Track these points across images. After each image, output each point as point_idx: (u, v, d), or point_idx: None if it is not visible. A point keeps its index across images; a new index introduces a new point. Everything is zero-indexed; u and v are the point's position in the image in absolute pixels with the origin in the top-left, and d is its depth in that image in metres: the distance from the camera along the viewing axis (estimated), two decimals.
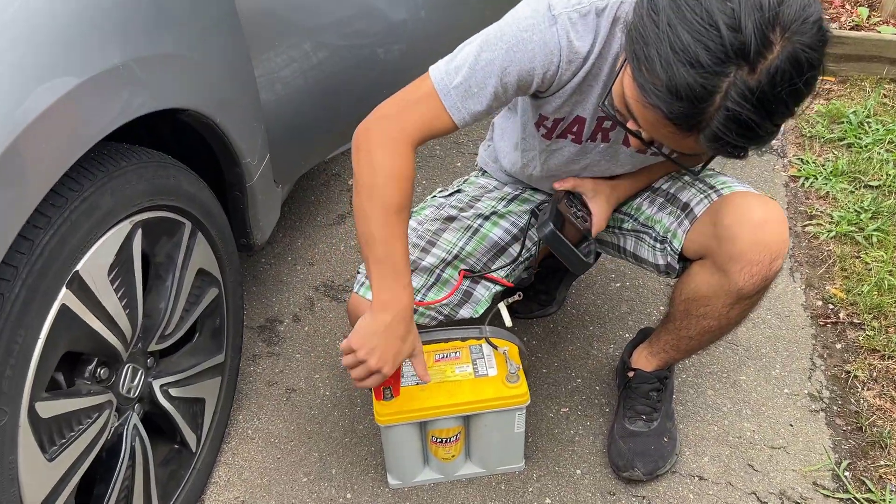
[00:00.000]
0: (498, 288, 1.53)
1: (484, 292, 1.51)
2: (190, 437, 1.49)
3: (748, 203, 1.28)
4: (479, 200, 1.55)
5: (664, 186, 1.46)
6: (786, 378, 1.75)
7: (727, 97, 0.93)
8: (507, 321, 1.49)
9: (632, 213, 1.49)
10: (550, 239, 1.36)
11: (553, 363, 1.79)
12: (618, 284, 1.98)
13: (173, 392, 1.42)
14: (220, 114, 1.39)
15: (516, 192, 1.57)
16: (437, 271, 1.48)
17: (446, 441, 1.48)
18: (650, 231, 1.45)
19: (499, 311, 1.51)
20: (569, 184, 1.41)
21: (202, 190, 1.42)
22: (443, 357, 1.47)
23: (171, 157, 1.35)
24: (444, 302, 1.47)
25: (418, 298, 1.48)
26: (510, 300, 1.52)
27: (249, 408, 1.71)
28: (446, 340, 1.44)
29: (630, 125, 1.09)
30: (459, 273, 1.47)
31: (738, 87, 0.92)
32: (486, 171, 1.63)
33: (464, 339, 1.46)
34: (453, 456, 1.51)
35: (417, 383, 1.42)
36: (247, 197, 1.61)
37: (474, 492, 1.54)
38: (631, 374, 1.60)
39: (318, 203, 2.26)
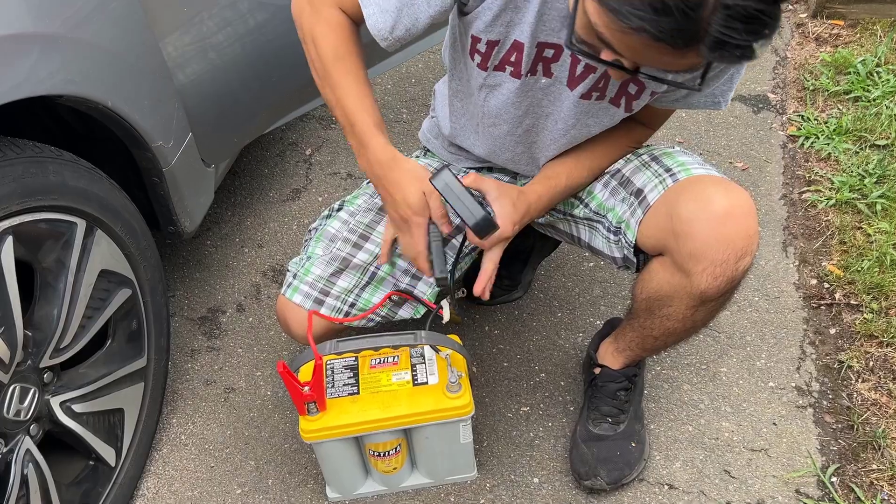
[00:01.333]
0: (457, 275, 1.37)
1: (426, 289, 1.35)
2: (107, 452, 1.36)
3: (707, 191, 1.10)
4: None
5: (618, 166, 1.28)
6: (771, 369, 1.59)
7: None
8: (446, 316, 1.33)
9: (583, 197, 1.31)
10: (445, 187, 1.15)
11: (515, 355, 1.63)
12: (591, 264, 1.81)
13: (78, 408, 1.28)
14: (112, 97, 1.22)
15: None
16: (372, 269, 1.32)
17: (385, 455, 1.34)
18: (603, 220, 1.28)
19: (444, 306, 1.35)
20: (470, 178, 1.22)
21: (97, 183, 1.25)
22: (379, 363, 1.32)
23: (54, 149, 1.18)
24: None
25: (351, 299, 1.32)
26: (455, 295, 1.36)
27: (184, 410, 1.58)
28: (375, 349, 1.29)
29: (605, 55, 0.90)
30: (386, 295, 1.33)
31: None
32: (428, 150, 1.45)
33: (395, 348, 1.30)
34: (395, 469, 1.37)
35: (350, 394, 1.28)
36: (166, 182, 1.45)
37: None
38: (597, 370, 1.44)
39: (272, 176, 2.09)
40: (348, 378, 1.30)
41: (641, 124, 1.27)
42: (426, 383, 1.28)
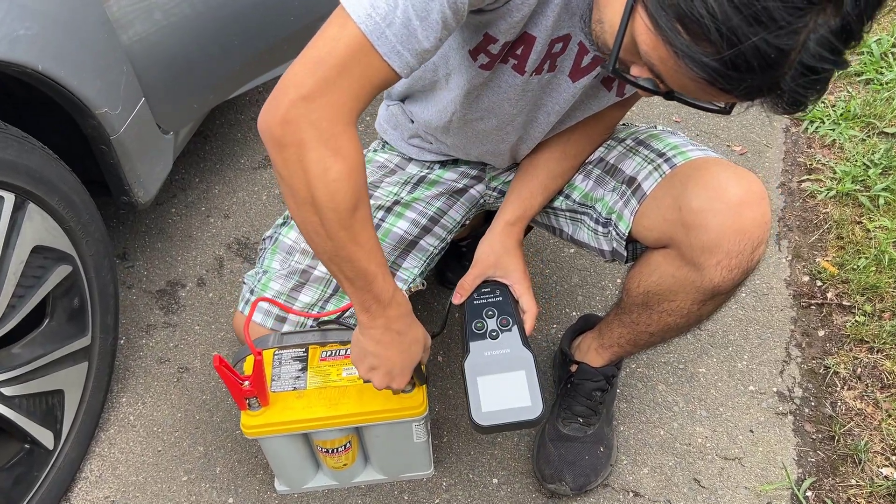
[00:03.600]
0: (415, 283, 1.28)
1: (401, 286, 1.27)
2: (43, 436, 1.29)
3: (718, 178, 1.00)
4: (378, 188, 1.27)
5: (598, 154, 1.18)
6: (753, 372, 1.50)
7: (804, 51, 0.66)
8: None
9: (563, 189, 1.22)
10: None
11: None
12: (571, 251, 1.72)
13: (9, 391, 1.21)
14: (43, 60, 1.12)
15: (422, 173, 1.29)
16: (335, 280, 1.23)
17: (334, 451, 1.26)
18: (589, 212, 1.18)
19: None
20: (469, 282, 1.18)
21: (28, 153, 1.16)
22: (330, 355, 1.24)
23: None
24: (349, 315, 1.23)
25: (315, 313, 1.23)
26: (413, 289, 1.27)
27: (135, 389, 1.52)
28: (322, 344, 1.21)
29: (640, 72, 0.79)
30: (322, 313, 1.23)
31: (820, 36, 0.65)
32: (386, 144, 1.34)
33: (344, 343, 1.22)
34: (345, 465, 1.31)
35: (296, 389, 1.20)
36: (114, 151, 1.36)
37: (373, 501, 1.35)
38: (573, 367, 1.36)
39: (244, 142, 1.99)
40: (296, 371, 1.22)
41: (614, 105, 1.14)
42: None
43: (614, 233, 1.14)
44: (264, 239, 1.29)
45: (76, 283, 1.31)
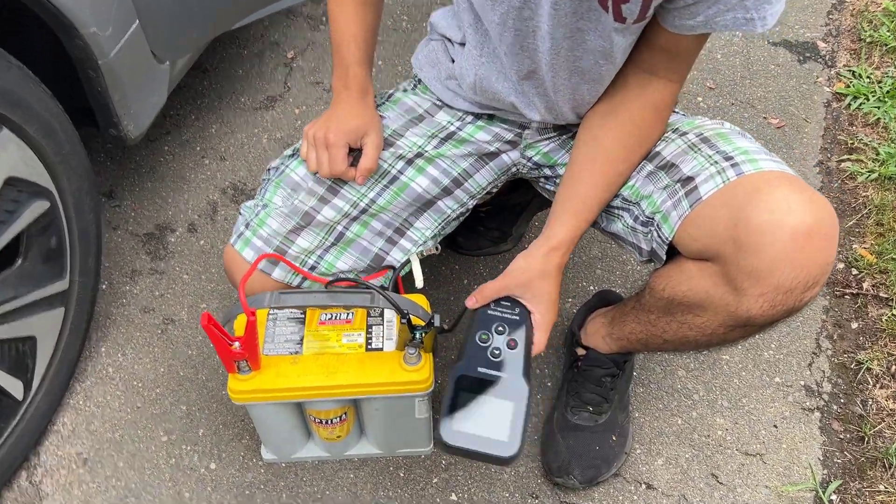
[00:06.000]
0: (427, 245, 1.17)
1: (400, 255, 1.15)
2: (12, 385, 1.19)
3: (789, 200, 0.86)
4: (401, 137, 1.14)
5: (657, 147, 1.05)
6: (780, 362, 1.40)
7: None
8: (419, 280, 1.13)
9: None
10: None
11: None
12: None
13: None
14: None
15: (453, 126, 1.15)
16: (339, 228, 1.11)
17: (328, 422, 1.16)
18: (631, 209, 1.06)
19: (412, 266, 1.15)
20: (490, 288, 1.02)
21: (3, 72, 1.03)
22: (330, 318, 1.13)
23: None
24: (347, 270, 1.12)
25: (311, 262, 1.12)
26: (425, 252, 1.16)
27: (116, 339, 1.41)
28: (323, 307, 1.10)
29: None
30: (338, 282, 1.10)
31: None
32: (420, 82, 1.21)
33: (347, 307, 1.11)
34: (339, 437, 1.21)
35: (291, 353, 1.09)
36: (103, 76, 1.22)
37: (366, 476, 1.25)
38: (581, 352, 1.26)
39: (247, 79, 1.85)
40: (292, 333, 1.11)
41: (657, 77, 1.00)
42: (381, 349, 1.10)
43: (656, 234, 1.00)
44: (269, 169, 1.17)
45: (54, 221, 1.19)
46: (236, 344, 1.02)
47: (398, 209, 1.13)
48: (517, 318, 0.98)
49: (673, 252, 1.00)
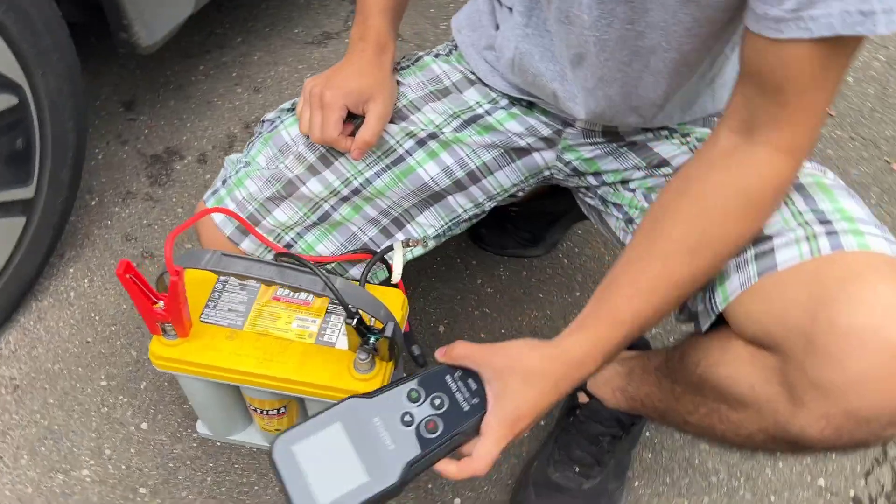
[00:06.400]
0: (426, 242, 0.98)
1: (400, 237, 0.96)
2: None
3: (890, 298, 0.61)
4: (417, 111, 0.94)
5: None
6: (829, 463, 1.14)
7: None
8: (396, 274, 0.94)
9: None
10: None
11: (499, 328, 1.24)
12: None
13: None
14: None
15: (481, 108, 0.94)
16: (325, 206, 0.93)
17: (265, 413, 1.00)
18: None
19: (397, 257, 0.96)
20: (456, 350, 0.74)
21: None
22: (286, 294, 0.96)
23: None
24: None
25: (288, 238, 0.94)
26: (411, 243, 0.96)
27: (88, 262, 1.28)
28: (266, 282, 0.92)
29: None
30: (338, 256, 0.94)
31: None
32: (455, 49, 0.99)
33: (294, 289, 0.93)
34: (278, 430, 1.04)
35: (230, 326, 0.93)
36: None
37: None
38: (584, 399, 1.04)
39: (307, 10, 1.68)
40: (239, 303, 0.95)
41: (753, 140, 0.67)
42: (333, 345, 0.92)
43: (705, 296, 0.76)
44: (263, 121, 0.99)
45: (22, 121, 1.06)
46: (160, 303, 0.87)
47: (398, 196, 0.94)
48: (466, 407, 0.71)
49: (721, 320, 0.76)
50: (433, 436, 0.68)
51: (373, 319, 0.86)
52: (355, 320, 0.82)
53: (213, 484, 1.07)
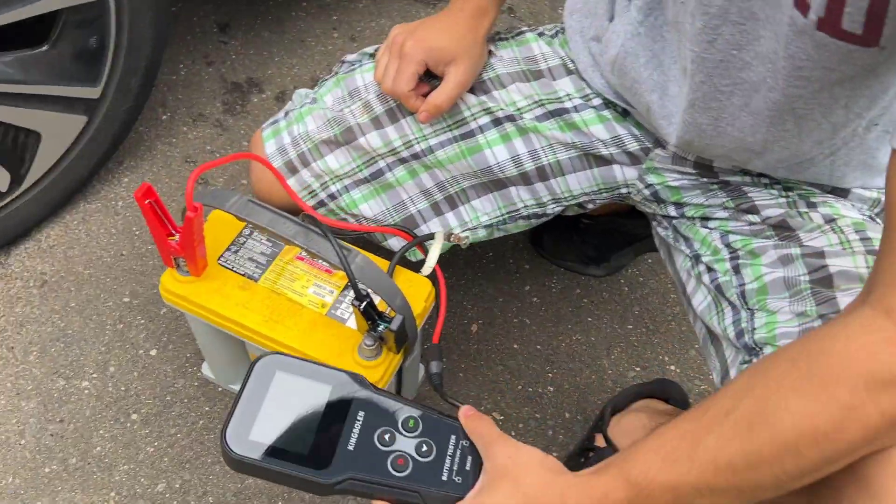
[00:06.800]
0: (474, 232, 0.90)
1: (439, 230, 0.89)
2: None
3: None
4: (503, 87, 0.85)
5: (819, 243, 0.71)
6: None
7: None
8: (427, 266, 0.87)
9: (736, 247, 0.77)
10: None
11: (535, 343, 1.15)
12: None
13: None
14: None
15: (570, 102, 0.84)
16: (380, 163, 0.87)
17: None
18: (739, 313, 0.73)
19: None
20: (480, 427, 0.62)
21: None
22: (308, 258, 0.90)
23: None
24: (369, 218, 0.90)
25: (333, 189, 0.90)
26: (452, 239, 0.88)
27: (143, 175, 1.27)
28: (285, 240, 0.85)
29: None
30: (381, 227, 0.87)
31: None
32: (561, 33, 0.89)
33: (312, 255, 0.86)
34: None
35: (246, 276, 0.88)
36: None
37: None
38: (601, 443, 0.95)
39: None
40: (261, 254, 0.90)
41: (880, 309, 0.50)
42: (344, 321, 0.85)
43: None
44: (342, 62, 0.93)
45: (101, 20, 1.04)
46: (176, 236, 0.83)
47: (458, 173, 0.86)
48: (445, 477, 0.60)
49: None
50: (394, 472, 0.59)
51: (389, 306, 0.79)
52: (364, 304, 0.75)
53: (203, 428, 1.03)
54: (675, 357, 1.14)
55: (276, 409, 0.60)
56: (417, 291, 0.87)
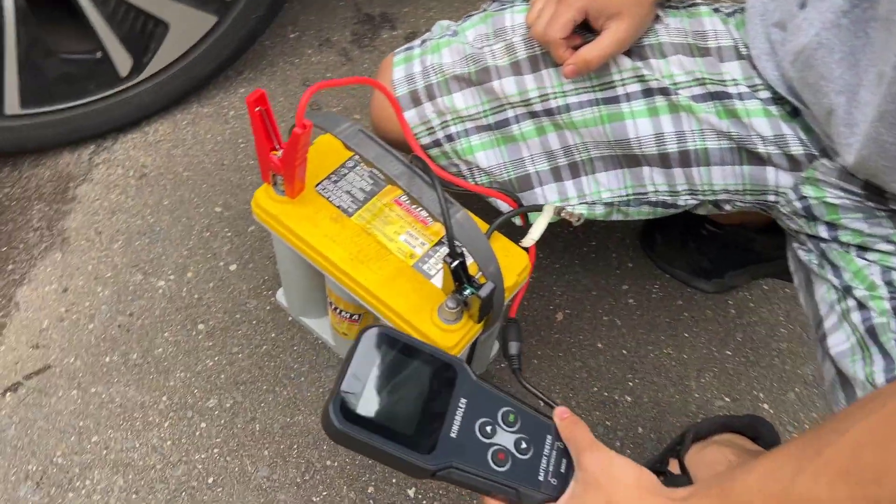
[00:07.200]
0: (587, 207, 0.83)
1: (553, 198, 0.83)
2: (120, 58, 1.07)
3: None
4: (663, 57, 0.76)
5: None
6: None
7: None
8: (530, 237, 0.80)
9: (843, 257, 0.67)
10: None
11: (619, 349, 1.06)
12: None
13: None
14: None
15: (734, 88, 0.74)
16: (508, 112, 0.81)
17: (340, 312, 0.91)
18: (871, 356, 0.65)
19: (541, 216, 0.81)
20: (573, 431, 0.56)
21: None
22: (408, 203, 0.84)
23: None
24: (482, 168, 0.84)
25: (453, 130, 0.84)
26: (564, 214, 0.81)
27: (258, 83, 1.24)
28: (387, 178, 0.80)
29: None
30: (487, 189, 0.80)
31: None
32: (739, 13, 0.78)
33: (411, 198, 0.80)
34: (345, 334, 0.95)
35: (341, 209, 0.83)
36: None
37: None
38: (674, 468, 0.87)
39: None
40: (360, 189, 0.85)
41: None
42: (430, 278, 0.80)
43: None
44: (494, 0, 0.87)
45: None
46: (279, 152, 0.79)
47: (591, 139, 0.79)
48: (541, 477, 0.56)
49: None
50: (494, 466, 0.55)
51: (480, 271, 0.73)
52: (455, 262, 0.69)
53: (265, 354, 1.01)
54: (771, 396, 1.04)
55: (381, 384, 0.57)
56: (512, 263, 0.80)
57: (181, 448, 0.93)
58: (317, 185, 0.85)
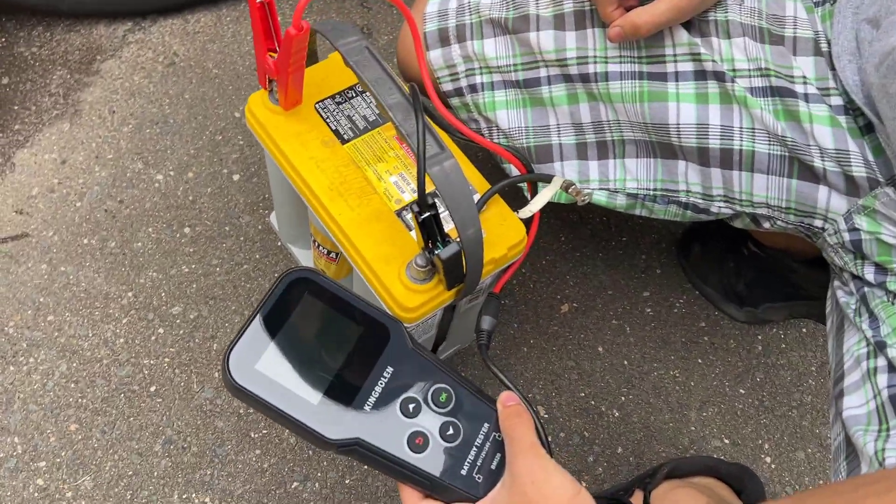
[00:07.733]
0: (597, 192, 0.73)
1: (572, 175, 0.73)
2: None
3: None
4: (726, 38, 0.64)
5: None
6: None
7: None
8: (528, 209, 0.71)
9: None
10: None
11: (621, 359, 0.96)
12: None
13: None
14: None
15: (802, 87, 0.62)
16: (541, 71, 0.72)
17: (319, 247, 0.85)
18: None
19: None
20: (515, 428, 0.48)
21: None
22: (406, 144, 0.76)
23: None
24: (501, 128, 0.75)
25: (478, 80, 0.76)
26: (570, 190, 0.71)
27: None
28: (382, 108, 0.71)
29: None
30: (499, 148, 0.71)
31: None
32: (827, 2, 0.65)
33: (401, 135, 0.71)
34: (324, 273, 0.88)
35: (336, 134, 0.75)
36: None
37: None
38: (636, 500, 0.77)
39: None
40: (361, 117, 0.77)
41: None
42: (410, 229, 0.72)
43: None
44: None
45: None
46: (272, 54, 0.71)
47: (625, 118, 0.69)
48: (464, 471, 0.49)
49: None
50: (409, 451, 0.48)
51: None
52: (426, 215, 0.60)
53: (243, 274, 0.95)
54: (777, 450, 0.92)
55: (294, 338, 0.49)
56: (506, 232, 0.71)
57: (133, 348, 0.88)
58: (317, 102, 0.77)
